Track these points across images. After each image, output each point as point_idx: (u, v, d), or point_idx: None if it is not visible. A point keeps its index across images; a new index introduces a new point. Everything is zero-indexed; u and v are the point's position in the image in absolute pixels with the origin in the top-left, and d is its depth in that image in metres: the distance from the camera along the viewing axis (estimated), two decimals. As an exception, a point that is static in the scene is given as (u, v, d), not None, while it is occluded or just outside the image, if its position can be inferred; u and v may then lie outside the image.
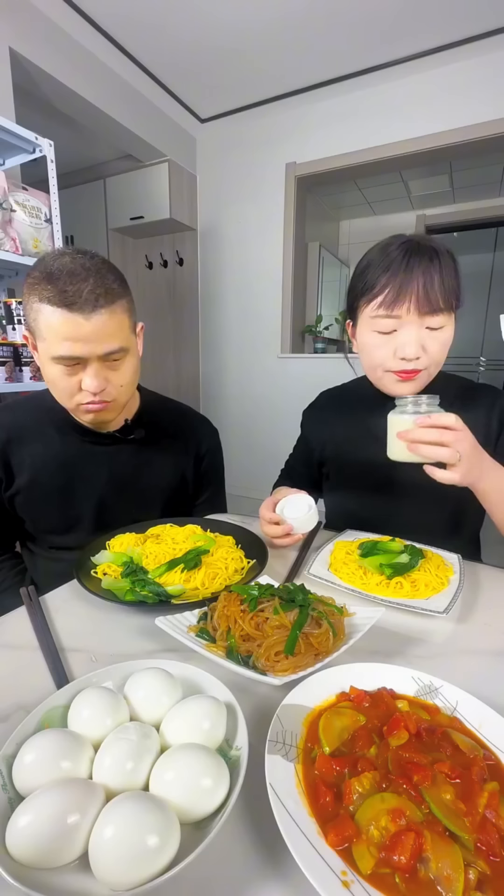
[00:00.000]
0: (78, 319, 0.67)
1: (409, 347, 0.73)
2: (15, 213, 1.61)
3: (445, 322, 0.74)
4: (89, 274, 0.68)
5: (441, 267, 0.71)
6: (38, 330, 0.69)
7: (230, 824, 0.33)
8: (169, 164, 2.96)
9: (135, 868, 0.27)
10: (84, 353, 0.69)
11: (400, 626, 0.58)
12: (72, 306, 0.66)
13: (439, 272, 0.71)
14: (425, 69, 2.44)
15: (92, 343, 0.69)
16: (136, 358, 0.80)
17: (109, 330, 0.70)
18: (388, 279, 0.72)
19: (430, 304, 0.71)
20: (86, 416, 0.79)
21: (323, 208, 3.94)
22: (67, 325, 0.67)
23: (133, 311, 0.77)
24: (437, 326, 0.73)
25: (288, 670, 0.45)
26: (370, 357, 0.80)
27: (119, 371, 0.76)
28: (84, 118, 2.53)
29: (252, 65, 2.44)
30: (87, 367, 0.72)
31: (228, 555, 0.70)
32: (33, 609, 0.60)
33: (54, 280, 0.66)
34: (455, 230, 4.20)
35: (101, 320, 0.68)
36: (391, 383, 0.81)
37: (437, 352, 0.75)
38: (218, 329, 3.43)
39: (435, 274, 0.70)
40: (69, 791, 0.31)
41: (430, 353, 0.75)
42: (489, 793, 0.31)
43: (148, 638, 0.55)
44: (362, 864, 0.28)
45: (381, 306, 0.74)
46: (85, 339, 0.68)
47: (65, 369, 0.71)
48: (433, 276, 0.70)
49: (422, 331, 0.74)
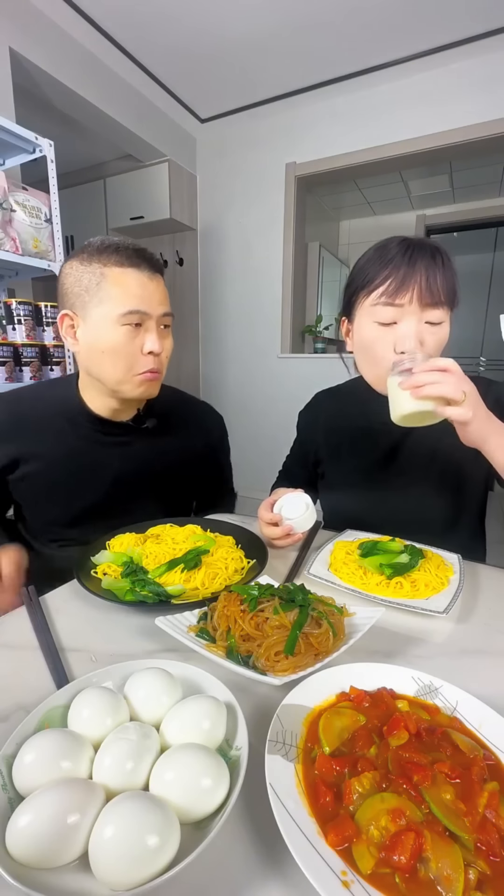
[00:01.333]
0: (144, 278, 0.76)
1: (408, 341, 0.73)
2: (15, 213, 1.61)
3: (444, 318, 0.74)
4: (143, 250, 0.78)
5: (443, 264, 0.73)
6: (101, 293, 0.74)
7: (230, 824, 0.33)
8: (169, 164, 2.96)
9: (135, 868, 0.27)
10: (150, 309, 0.76)
11: (400, 626, 0.58)
12: (139, 266, 0.76)
13: (441, 267, 0.72)
14: (425, 69, 2.44)
15: (156, 303, 0.77)
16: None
17: (163, 294, 0.80)
18: (390, 271, 0.73)
19: (433, 295, 0.72)
20: (139, 388, 0.81)
21: (323, 208, 3.94)
22: (138, 281, 0.75)
23: None
24: (436, 321, 0.74)
25: (288, 670, 0.45)
26: (371, 352, 0.79)
27: (167, 339, 0.83)
28: (84, 118, 2.53)
29: (252, 65, 2.44)
30: (148, 329, 0.78)
31: (228, 555, 0.70)
32: (33, 609, 0.60)
33: (121, 248, 0.75)
34: (455, 230, 4.20)
35: (159, 283, 0.79)
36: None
37: (433, 347, 0.75)
38: (218, 329, 3.43)
39: (437, 268, 0.72)
40: (69, 791, 0.31)
41: (427, 348, 0.74)
42: (489, 793, 0.31)
43: (148, 638, 0.55)
44: (362, 864, 0.28)
45: (382, 295, 0.74)
46: (151, 298, 0.77)
47: (129, 330, 0.76)
48: (436, 270, 0.72)
49: (421, 325, 0.74)
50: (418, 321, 0.73)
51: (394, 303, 0.73)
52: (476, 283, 4.26)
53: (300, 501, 0.79)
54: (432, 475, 0.86)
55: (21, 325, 1.68)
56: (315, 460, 1.03)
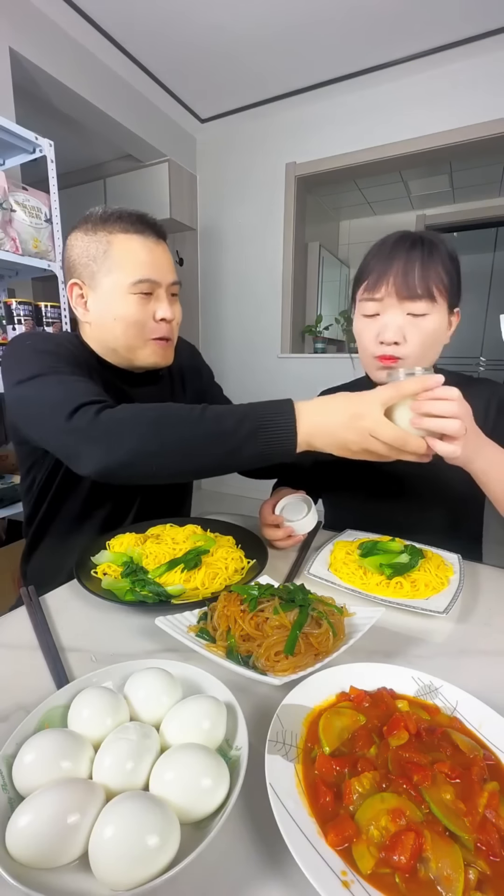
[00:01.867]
0: (150, 244, 0.76)
1: (388, 331, 0.74)
2: (15, 213, 1.61)
3: (428, 310, 0.74)
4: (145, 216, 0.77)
5: (424, 254, 0.73)
6: (109, 262, 0.74)
7: (230, 824, 0.33)
8: (169, 164, 2.96)
9: (135, 868, 0.27)
10: (159, 277, 0.76)
11: (400, 626, 0.58)
12: (145, 232, 0.76)
13: (421, 259, 0.72)
14: (425, 69, 2.44)
15: (164, 270, 0.77)
16: None
17: (170, 260, 0.79)
18: (374, 264, 0.76)
19: (408, 288, 0.72)
20: (153, 356, 0.81)
21: (323, 208, 3.94)
22: (146, 248, 0.75)
23: None
24: (418, 313, 0.74)
25: (288, 670, 0.45)
26: (360, 343, 0.82)
27: (176, 306, 0.82)
28: (84, 118, 2.53)
29: (252, 65, 2.44)
30: (159, 297, 0.78)
31: (228, 555, 0.70)
32: (33, 609, 0.60)
33: (125, 216, 0.75)
34: (455, 230, 4.20)
35: (164, 249, 0.79)
36: (374, 370, 0.82)
37: (417, 340, 0.75)
38: (218, 329, 3.43)
39: (416, 260, 0.72)
40: (69, 791, 0.31)
41: (410, 341, 0.75)
42: (489, 793, 0.31)
43: (148, 638, 0.55)
44: (362, 864, 0.28)
45: (365, 290, 0.77)
46: (159, 265, 0.76)
47: (140, 299, 0.76)
48: (414, 261, 0.72)
49: (403, 317, 0.74)
50: (399, 313, 0.74)
51: (373, 297, 0.76)
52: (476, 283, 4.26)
53: (301, 503, 0.79)
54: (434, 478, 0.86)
55: (21, 325, 1.68)
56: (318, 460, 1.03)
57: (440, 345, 0.79)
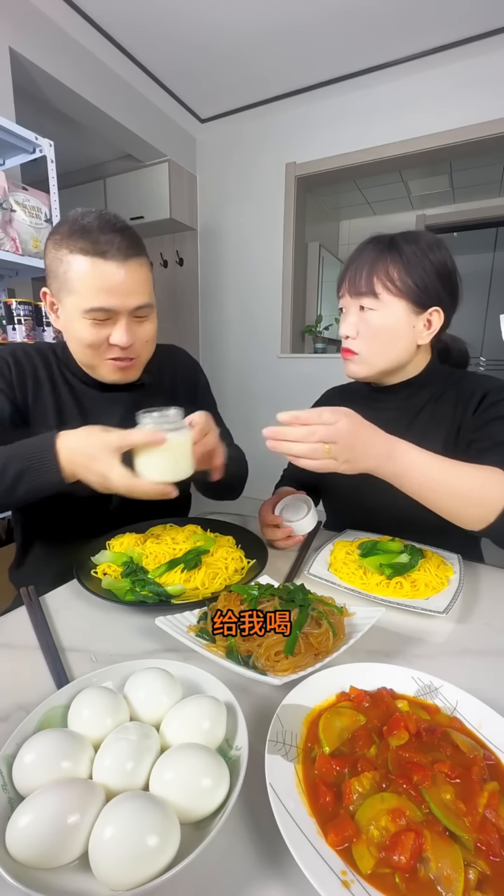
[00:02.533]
0: (111, 268, 0.70)
1: (343, 325, 0.81)
2: (15, 213, 1.61)
3: (374, 306, 0.77)
4: (117, 227, 0.71)
5: (377, 253, 0.76)
6: (68, 283, 0.71)
7: (230, 824, 0.33)
8: (169, 164, 2.96)
9: (135, 868, 0.27)
10: (117, 305, 0.71)
11: (400, 626, 0.58)
12: (106, 254, 0.69)
13: (371, 258, 0.76)
14: (425, 69, 2.44)
15: (124, 295, 0.72)
16: (156, 315, 0.82)
17: (139, 281, 0.73)
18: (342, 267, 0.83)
19: (355, 286, 0.77)
20: (112, 375, 0.80)
21: (323, 208, 3.94)
22: (102, 275, 0.69)
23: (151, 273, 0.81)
24: (367, 307, 0.77)
25: (288, 670, 0.45)
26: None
27: (144, 326, 0.78)
28: (84, 118, 2.53)
29: (252, 65, 2.44)
30: (118, 321, 0.73)
31: (228, 555, 0.70)
32: (33, 609, 0.60)
33: (87, 232, 0.69)
34: (455, 230, 4.20)
35: (132, 269, 0.72)
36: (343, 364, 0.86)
37: (366, 334, 0.78)
38: (218, 329, 3.43)
39: (366, 259, 0.77)
40: (69, 791, 0.31)
41: (362, 335, 0.79)
42: (489, 793, 0.31)
43: (148, 638, 0.55)
44: (362, 864, 0.28)
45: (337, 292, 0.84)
46: (118, 291, 0.71)
47: (95, 323, 0.72)
48: (364, 261, 0.77)
49: (357, 313, 0.79)
50: (354, 310, 0.80)
51: (338, 296, 0.83)
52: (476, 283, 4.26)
53: (302, 504, 0.79)
54: None
55: (21, 325, 1.68)
56: None
57: (401, 342, 0.78)
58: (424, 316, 0.78)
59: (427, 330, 0.79)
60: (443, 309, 0.78)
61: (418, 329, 0.79)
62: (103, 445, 0.62)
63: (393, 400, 0.88)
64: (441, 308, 0.78)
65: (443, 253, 0.77)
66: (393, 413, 0.88)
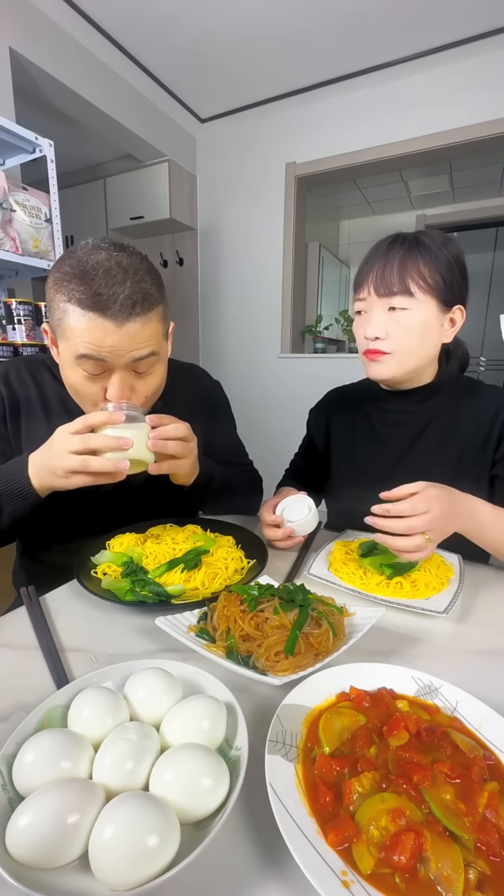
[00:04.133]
0: (109, 326, 0.61)
1: (370, 327, 0.78)
2: (15, 213, 1.61)
3: (409, 305, 0.75)
4: (127, 276, 0.62)
5: (405, 251, 0.74)
6: (63, 331, 0.64)
7: (230, 824, 0.33)
8: (169, 164, 2.96)
9: (135, 868, 0.27)
10: (110, 358, 0.64)
11: (400, 626, 0.58)
12: (105, 312, 0.61)
13: (400, 256, 0.74)
14: (425, 69, 2.44)
15: (120, 352, 0.64)
16: (164, 363, 0.75)
17: (141, 339, 0.65)
18: (360, 267, 0.80)
19: (385, 285, 0.75)
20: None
21: (323, 208, 3.94)
22: (97, 333, 0.62)
23: (167, 316, 0.72)
24: (398, 308, 0.75)
25: (288, 670, 0.45)
26: (356, 342, 0.84)
27: (146, 380, 0.70)
28: (84, 118, 2.52)
29: (252, 64, 2.44)
30: (113, 374, 0.66)
31: (228, 555, 0.70)
32: (33, 609, 0.60)
33: (88, 280, 0.60)
34: (455, 230, 4.20)
35: (133, 329, 0.63)
36: (366, 366, 0.84)
37: (400, 335, 0.77)
38: (218, 329, 3.43)
39: (395, 257, 0.74)
40: (69, 791, 0.31)
41: (393, 336, 0.77)
42: (489, 793, 0.31)
43: (148, 638, 0.55)
44: (362, 864, 0.28)
45: (354, 291, 0.82)
46: (113, 347, 0.63)
47: (87, 375, 0.66)
48: (393, 259, 0.75)
49: (385, 313, 0.77)
50: (381, 310, 0.77)
51: (358, 297, 0.80)
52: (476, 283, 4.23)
53: (303, 504, 0.79)
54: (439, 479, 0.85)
55: (21, 325, 1.68)
56: (324, 458, 1.03)
57: (431, 341, 0.79)
58: (448, 314, 0.78)
59: (451, 328, 0.80)
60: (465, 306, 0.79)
61: (445, 327, 0.79)
62: (62, 431, 0.62)
63: (404, 405, 0.88)
64: (464, 305, 0.79)
65: (458, 249, 0.78)
66: (403, 417, 0.88)
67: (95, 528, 0.80)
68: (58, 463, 0.61)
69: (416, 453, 0.87)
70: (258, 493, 1.03)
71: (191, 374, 1.02)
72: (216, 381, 1.06)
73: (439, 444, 0.85)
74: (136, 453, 0.63)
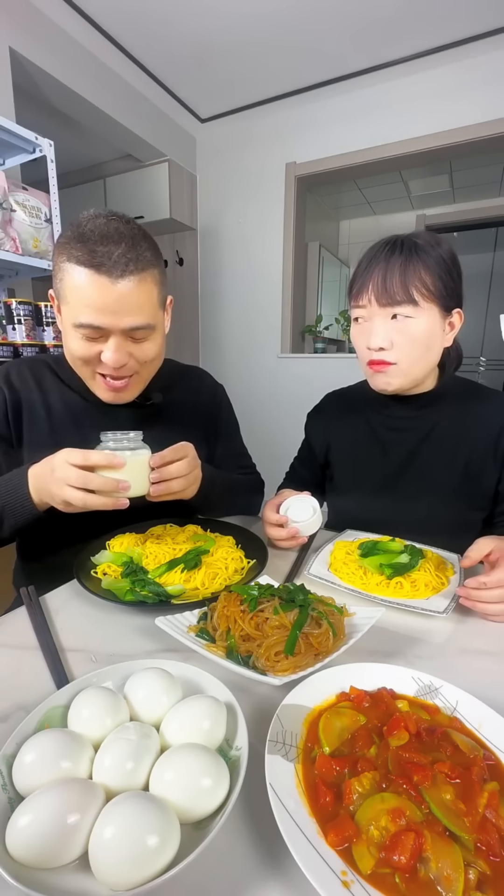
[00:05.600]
0: (104, 282, 0.64)
1: (373, 337, 0.76)
2: (15, 213, 1.61)
3: (413, 314, 0.74)
4: (122, 238, 0.65)
5: (406, 259, 0.73)
6: (63, 292, 0.67)
7: (230, 824, 0.33)
8: (169, 164, 2.96)
9: (135, 868, 0.27)
10: (107, 323, 0.66)
11: (400, 626, 0.58)
12: (99, 268, 0.64)
13: (401, 263, 0.72)
14: (425, 69, 2.44)
15: (117, 314, 0.66)
16: (162, 335, 0.76)
17: (136, 300, 0.67)
18: (357, 275, 0.78)
19: (388, 294, 0.73)
20: (104, 394, 0.77)
21: (323, 208, 3.94)
22: (93, 288, 0.64)
23: (164, 284, 0.74)
24: (403, 316, 0.74)
25: (288, 670, 0.45)
26: (356, 348, 0.83)
27: (142, 347, 0.72)
28: (84, 118, 2.52)
29: (252, 64, 2.44)
30: (109, 339, 0.68)
31: (228, 555, 0.70)
32: (33, 609, 0.60)
33: (85, 239, 0.64)
34: (455, 230, 4.20)
35: (128, 287, 0.65)
36: (369, 376, 0.83)
37: (406, 345, 0.75)
38: (218, 329, 3.43)
39: (396, 265, 0.73)
40: (69, 791, 0.31)
41: (398, 345, 0.75)
42: (489, 793, 0.31)
43: (148, 638, 0.55)
44: (362, 864, 0.28)
45: (352, 298, 0.79)
46: (109, 308, 0.65)
47: (86, 338, 0.68)
48: (394, 266, 0.73)
49: (387, 322, 0.75)
50: (384, 319, 0.75)
51: (358, 304, 0.78)
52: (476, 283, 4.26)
53: (307, 505, 0.78)
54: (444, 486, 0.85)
55: (21, 325, 1.68)
56: (324, 462, 1.02)
57: (435, 347, 0.78)
58: (448, 318, 0.78)
59: (451, 332, 0.79)
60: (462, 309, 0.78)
61: (445, 332, 0.78)
62: (62, 461, 0.61)
63: (406, 410, 0.87)
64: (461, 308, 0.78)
65: (451, 248, 0.76)
66: (405, 423, 0.88)
67: (96, 529, 0.80)
68: (56, 492, 0.61)
69: (421, 460, 0.86)
70: (260, 497, 1.03)
71: (193, 376, 1.01)
72: (219, 385, 1.05)
73: (445, 451, 0.84)
74: (135, 490, 0.63)
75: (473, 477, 0.83)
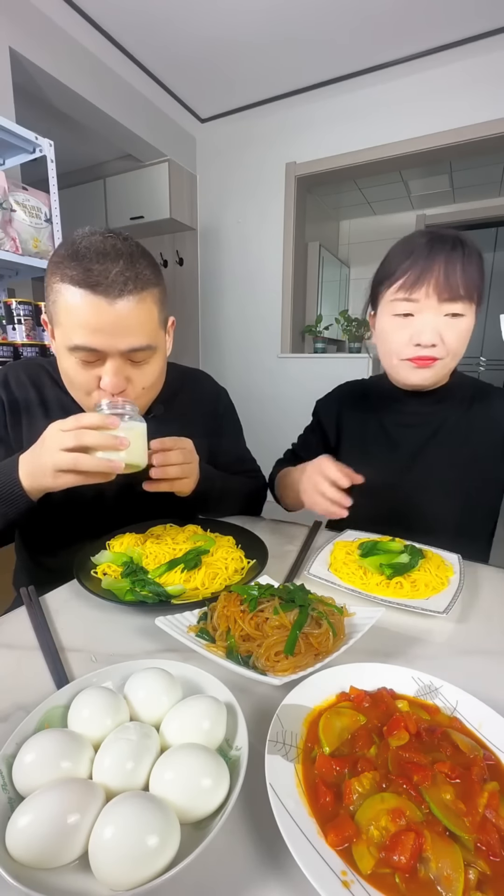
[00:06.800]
0: (101, 303, 0.60)
1: (426, 334, 0.74)
2: (15, 213, 1.61)
3: (466, 311, 0.74)
4: (120, 256, 0.61)
5: (464, 256, 0.72)
6: (56, 315, 0.64)
7: (230, 824, 0.33)
8: (169, 164, 2.96)
9: (135, 868, 0.27)
10: (103, 345, 0.62)
11: (400, 626, 0.58)
12: (95, 287, 0.60)
13: (461, 260, 0.71)
14: (425, 69, 2.44)
15: (114, 335, 0.62)
16: (163, 357, 0.73)
17: (135, 321, 0.63)
18: (409, 264, 0.74)
19: (451, 289, 0.71)
20: None
21: (323, 208, 3.94)
22: (88, 310, 0.60)
23: (164, 304, 0.70)
24: (457, 314, 0.73)
25: (288, 670, 0.45)
26: (386, 343, 0.81)
27: (142, 371, 0.69)
28: (84, 118, 2.53)
29: (252, 64, 2.44)
30: (107, 362, 0.65)
31: (228, 555, 0.70)
32: (33, 609, 0.60)
33: (79, 258, 0.60)
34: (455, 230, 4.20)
35: (126, 307, 0.62)
36: (407, 371, 0.81)
37: (454, 341, 0.75)
38: (218, 329, 3.43)
39: (457, 261, 0.71)
40: (69, 791, 0.31)
41: (447, 342, 0.75)
42: (489, 793, 0.31)
43: (148, 638, 0.55)
44: (362, 864, 0.28)
45: (400, 289, 0.75)
46: (106, 330, 0.62)
47: (82, 363, 0.65)
48: (455, 263, 0.71)
49: (439, 318, 0.74)
50: (436, 315, 0.74)
51: (410, 297, 0.74)
52: (476, 283, 4.26)
53: None
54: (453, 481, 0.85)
55: (21, 325, 1.68)
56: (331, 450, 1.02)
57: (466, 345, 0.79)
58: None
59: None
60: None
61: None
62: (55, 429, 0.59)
63: (420, 406, 0.88)
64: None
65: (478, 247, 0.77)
66: (418, 419, 0.88)
67: (96, 530, 0.80)
68: (47, 459, 0.59)
69: (429, 456, 0.87)
70: (261, 498, 1.03)
71: (195, 379, 1.01)
72: (222, 388, 1.05)
73: (452, 448, 0.85)
74: (130, 457, 0.61)
75: (478, 473, 0.83)
